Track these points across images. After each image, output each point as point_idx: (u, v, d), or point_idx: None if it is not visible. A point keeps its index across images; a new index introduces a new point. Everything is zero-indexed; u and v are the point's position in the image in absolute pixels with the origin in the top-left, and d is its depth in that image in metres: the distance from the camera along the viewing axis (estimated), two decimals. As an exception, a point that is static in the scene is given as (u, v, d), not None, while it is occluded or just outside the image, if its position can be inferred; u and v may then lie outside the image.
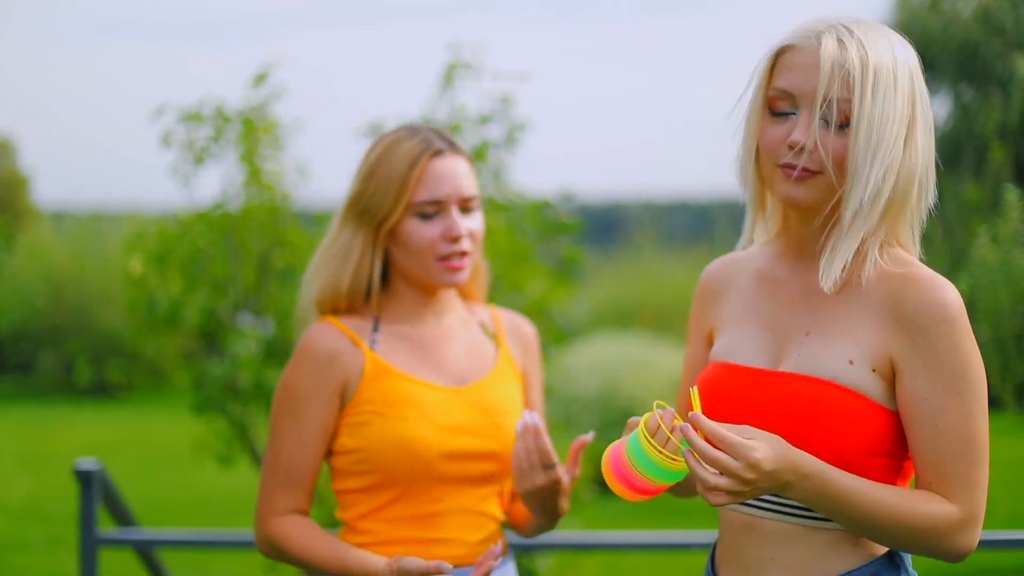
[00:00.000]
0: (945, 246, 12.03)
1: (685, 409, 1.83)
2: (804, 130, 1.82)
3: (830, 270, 1.83)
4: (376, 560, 2.14)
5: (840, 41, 1.81)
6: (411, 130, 2.33)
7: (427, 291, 2.35)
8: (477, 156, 5.27)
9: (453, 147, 2.32)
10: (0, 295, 14.72)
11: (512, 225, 5.19)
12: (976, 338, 1.76)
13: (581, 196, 5.73)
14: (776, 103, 1.86)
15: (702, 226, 19.58)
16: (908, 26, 14.21)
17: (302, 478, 2.26)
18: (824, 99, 1.81)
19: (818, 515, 1.84)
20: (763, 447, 1.70)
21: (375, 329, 2.32)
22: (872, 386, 1.82)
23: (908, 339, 1.80)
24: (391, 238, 2.30)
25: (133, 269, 4.89)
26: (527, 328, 2.46)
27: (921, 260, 1.92)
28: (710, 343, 2.05)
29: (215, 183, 5.01)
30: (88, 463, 3.77)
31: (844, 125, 1.81)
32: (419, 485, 2.23)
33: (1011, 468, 10.42)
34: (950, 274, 2.04)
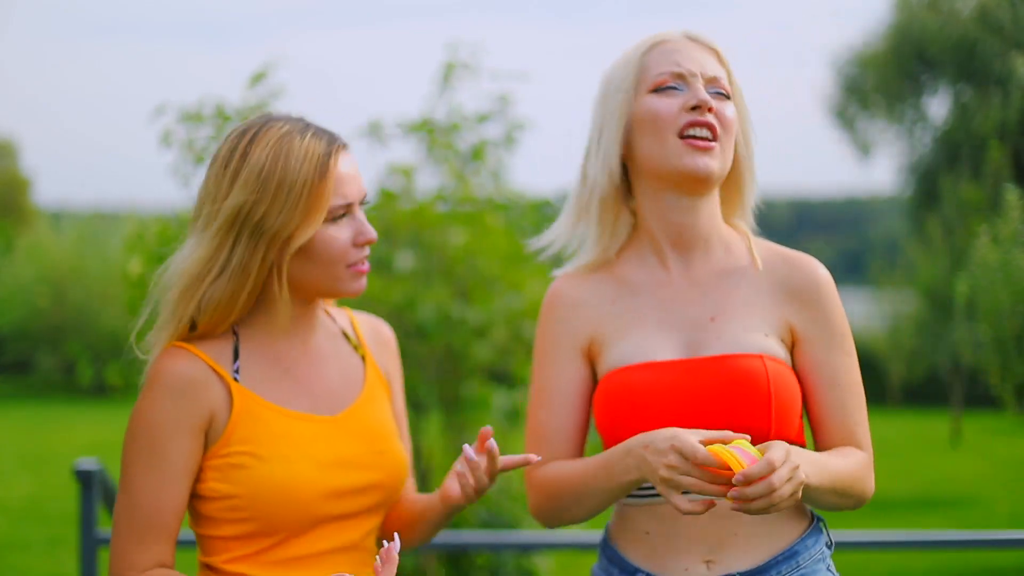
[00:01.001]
0: (945, 246, 12.05)
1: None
2: (702, 93, 1.96)
3: (756, 251, 2.01)
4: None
5: (705, 31, 2.03)
6: (293, 123, 2.01)
7: (309, 303, 2.04)
8: (476, 155, 5.28)
9: (341, 137, 2.04)
10: (1, 295, 14.73)
11: (511, 225, 5.19)
12: (976, 338, 1.88)
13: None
14: (663, 83, 1.98)
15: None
16: (907, 25, 14.22)
17: (165, 526, 1.93)
18: (706, 76, 1.98)
19: None
20: (780, 452, 1.77)
21: (235, 354, 1.99)
22: (784, 355, 1.96)
23: (804, 311, 1.96)
24: (292, 251, 1.97)
25: (132, 269, 4.88)
26: (387, 331, 2.21)
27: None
28: (587, 357, 2.05)
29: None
30: (88, 463, 3.76)
31: (726, 97, 1.99)
32: (301, 528, 1.96)
33: (1011, 468, 10.43)
34: (950, 274, 2.10)
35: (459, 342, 5.11)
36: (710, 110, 1.93)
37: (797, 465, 1.76)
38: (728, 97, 1.98)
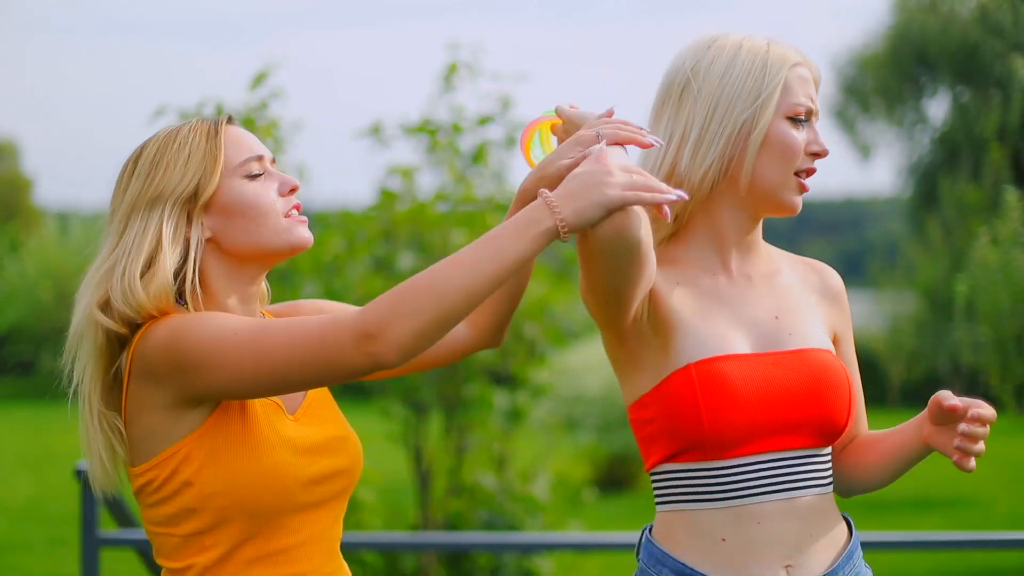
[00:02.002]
0: (945, 247, 12.05)
1: None
2: (823, 143, 2.00)
3: (782, 257, 2.09)
4: (528, 207, 1.77)
5: (811, 59, 2.04)
6: (180, 124, 1.98)
7: (250, 281, 1.98)
8: (477, 158, 5.29)
9: (233, 119, 2.01)
10: (3, 295, 14.75)
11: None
12: (976, 338, 1.92)
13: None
14: (797, 114, 1.97)
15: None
16: (907, 27, 14.24)
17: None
18: (813, 109, 2.00)
19: (826, 480, 1.97)
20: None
21: None
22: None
23: (837, 313, 2.07)
24: (210, 216, 1.93)
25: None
26: (301, 305, 2.15)
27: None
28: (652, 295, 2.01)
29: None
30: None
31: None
32: (280, 519, 1.91)
33: (1011, 468, 10.43)
34: (950, 275, 2.15)
35: (460, 343, 5.11)
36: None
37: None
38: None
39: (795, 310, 2.00)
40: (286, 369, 1.80)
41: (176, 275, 1.91)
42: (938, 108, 14.89)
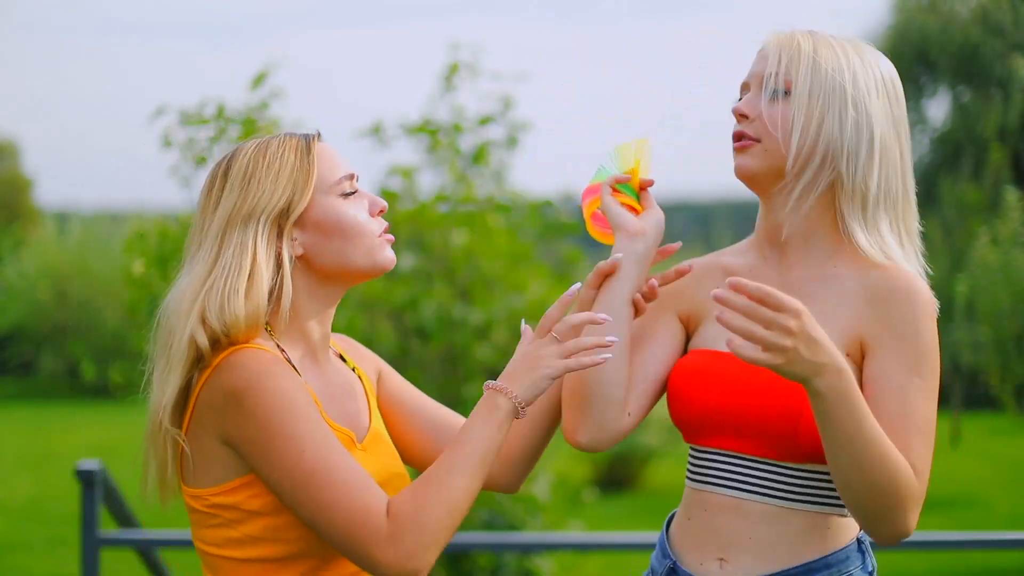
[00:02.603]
0: (945, 246, 12.04)
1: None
2: (743, 102, 2.00)
3: (855, 263, 1.97)
4: (483, 404, 1.89)
5: (793, 35, 2.01)
6: (270, 136, 2.00)
7: (331, 302, 2.00)
8: (477, 158, 5.29)
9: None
10: (3, 296, 14.75)
11: (513, 226, 5.20)
12: (976, 339, 1.84)
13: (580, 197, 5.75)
14: (741, 92, 2.04)
15: (702, 226, 19.59)
16: (906, 27, 14.23)
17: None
18: (768, 75, 1.98)
19: (803, 498, 1.92)
20: (805, 311, 1.74)
21: (290, 362, 1.93)
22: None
23: (879, 317, 1.90)
24: (304, 232, 1.94)
25: (134, 270, 4.89)
26: (351, 340, 2.19)
27: (925, 269, 2.00)
28: (680, 321, 2.09)
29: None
30: (90, 463, 3.78)
31: (786, 92, 1.97)
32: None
33: (1011, 468, 10.43)
34: (950, 274, 2.06)
35: (460, 343, 5.12)
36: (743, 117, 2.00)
37: (803, 313, 1.71)
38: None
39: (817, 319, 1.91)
40: (314, 521, 1.83)
41: (269, 294, 1.92)
42: (938, 108, 14.88)
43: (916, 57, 14.47)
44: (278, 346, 1.93)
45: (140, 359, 2.05)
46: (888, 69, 2.03)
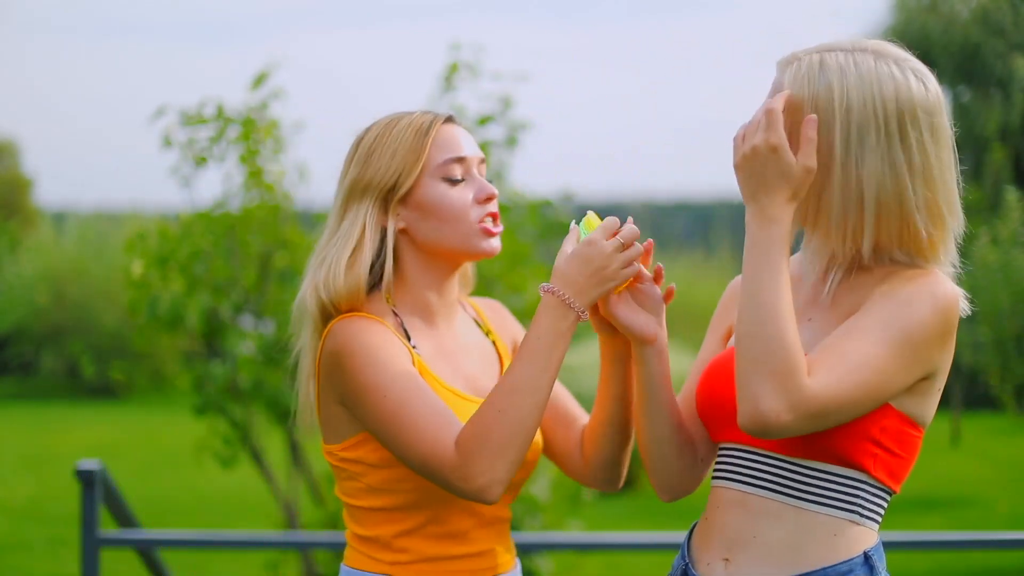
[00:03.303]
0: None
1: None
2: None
3: (827, 283, 1.95)
4: (541, 310, 1.95)
5: (804, 70, 1.89)
6: (407, 112, 2.13)
7: (444, 274, 2.11)
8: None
9: (453, 118, 2.16)
10: (3, 296, 14.75)
11: (512, 226, 5.20)
12: (976, 339, 1.80)
13: (581, 197, 5.75)
14: None
15: (701, 226, 19.60)
16: (907, 27, 14.23)
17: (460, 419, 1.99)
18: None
19: (806, 496, 1.90)
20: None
21: (406, 333, 2.08)
22: None
23: (875, 291, 1.86)
24: (407, 209, 2.06)
25: (134, 271, 4.89)
26: (498, 305, 2.34)
27: (956, 276, 1.94)
28: (727, 339, 2.11)
29: (216, 184, 5.02)
30: (89, 463, 3.78)
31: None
32: (462, 503, 2.06)
33: (1011, 469, 10.43)
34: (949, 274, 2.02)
35: (460, 343, 5.11)
36: None
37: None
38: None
39: (825, 319, 1.93)
40: (405, 459, 1.99)
41: (372, 266, 2.07)
42: (938, 108, 14.87)
43: (916, 57, 14.46)
44: (394, 311, 2.08)
45: (141, 359, 2.09)
46: (900, 99, 1.91)
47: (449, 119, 2.13)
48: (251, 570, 6.68)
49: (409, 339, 2.07)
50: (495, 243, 2.10)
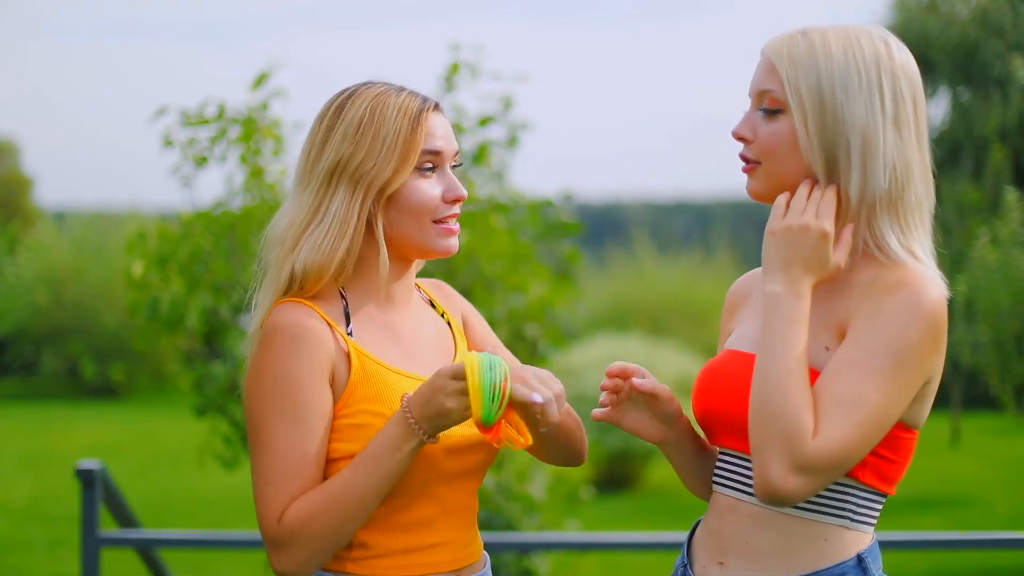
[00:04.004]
0: (945, 246, 12.06)
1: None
2: (740, 122, 1.95)
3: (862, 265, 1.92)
4: (393, 419, 1.93)
5: (784, 42, 1.93)
6: (390, 85, 2.07)
7: (405, 265, 2.09)
8: (478, 158, 5.30)
9: (439, 105, 2.10)
10: (3, 296, 14.75)
11: (513, 226, 5.20)
12: (976, 339, 1.80)
13: (580, 197, 5.76)
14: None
15: (701, 226, 19.61)
16: (906, 27, 14.23)
17: (314, 478, 1.95)
18: (757, 92, 1.94)
19: (797, 504, 1.90)
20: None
21: (347, 317, 2.04)
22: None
23: (862, 310, 1.85)
24: (384, 202, 2.04)
25: (134, 271, 4.89)
26: (443, 285, 2.28)
27: (939, 263, 1.97)
28: None
29: (217, 184, 5.02)
30: (90, 463, 3.79)
31: (777, 111, 1.92)
32: (424, 489, 2.01)
33: (1011, 468, 10.44)
34: (950, 275, 2.02)
35: (460, 343, 5.12)
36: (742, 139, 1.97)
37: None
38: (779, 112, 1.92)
39: (814, 321, 1.91)
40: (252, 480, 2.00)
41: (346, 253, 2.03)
42: (938, 108, 14.88)
43: (916, 57, 14.38)
44: (342, 294, 2.05)
45: (141, 359, 2.10)
46: (883, 56, 1.92)
47: (436, 107, 2.07)
48: (251, 570, 6.68)
49: (348, 323, 2.03)
50: (453, 242, 2.08)
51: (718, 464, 2.00)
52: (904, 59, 1.93)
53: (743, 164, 1.97)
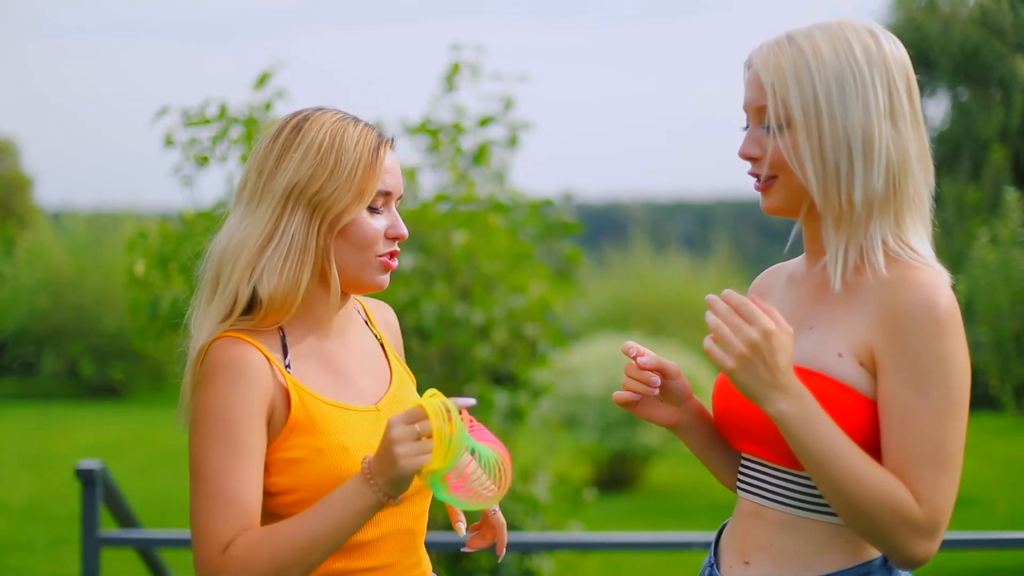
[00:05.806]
0: (944, 247, 12.07)
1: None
2: (746, 142, 1.94)
3: (834, 269, 1.91)
4: (352, 478, 1.91)
5: (774, 53, 1.90)
6: (345, 113, 2.06)
7: (344, 295, 2.08)
8: (478, 158, 5.30)
9: (393, 141, 2.10)
10: (2, 296, 14.75)
11: (513, 226, 5.21)
12: (976, 338, 1.80)
13: (580, 196, 5.76)
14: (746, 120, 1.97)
15: (701, 226, 19.61)
16: (906, 28, 14.23)
17: (251, 512, 1.93)
18: (754, 109, 1.92)
19: (817, 508, 1.91)
20: (777, 333, 1.80)
21: (284, 350, 2.03)
22: (859, 379, 1.87)
23: (888, 335, 1.84)
24: (335, 234, 2.02)
25: (136, 270, 4.89)
26: (391, 316, 2.28)
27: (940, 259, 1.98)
28: None
29: (218, 183, 5.02)
30: (90, 463, 3.79)
31: (781, 126, 1.90)
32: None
33: (1011, 468, 10.44)
34: (949, 275, 2.02)
35: (461, 343, 5.13)
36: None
37: (772, 333, 1.78)
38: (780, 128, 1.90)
39: (828, 326, 1.91)
40: (190, 511, 1.97)
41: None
42: (938, 108, 14.89)
43: (916, 57, 14.36)
44: (279, 326, 2.03)
45: (141, 359, 2.10)
46: (873, 50, 1.90)
47: (390, 143, 2.07)
48: (252, 570, 6.67)
49: (286, 355, 2.02)
50: (383, 279, 2.06)
51: (740, 469, 2.02)
52: (891, 48, 1.92)
53: (756, 182, 1.95)
